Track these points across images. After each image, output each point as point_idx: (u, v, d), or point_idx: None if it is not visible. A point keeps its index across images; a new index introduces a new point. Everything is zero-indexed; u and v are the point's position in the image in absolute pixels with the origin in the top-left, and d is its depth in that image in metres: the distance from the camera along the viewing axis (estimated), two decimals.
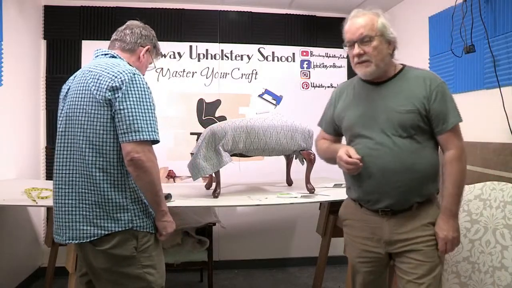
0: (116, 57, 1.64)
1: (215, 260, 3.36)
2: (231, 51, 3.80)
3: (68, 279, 2.28)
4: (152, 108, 1.52)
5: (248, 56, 3.82)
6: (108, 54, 1.65)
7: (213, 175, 2.53)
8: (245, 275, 3.61)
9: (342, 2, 3.57)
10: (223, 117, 3.74)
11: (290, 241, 3.89)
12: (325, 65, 3.93)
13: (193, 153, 2.50)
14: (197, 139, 3.05)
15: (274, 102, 3.86)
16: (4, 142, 2.88)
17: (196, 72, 3.74)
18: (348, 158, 1.54)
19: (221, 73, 3.79)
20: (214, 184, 2.53)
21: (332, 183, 2.92)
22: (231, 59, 3.80)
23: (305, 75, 3.91)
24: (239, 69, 3.81)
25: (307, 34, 3.90)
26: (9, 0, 2.88)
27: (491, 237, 2.08)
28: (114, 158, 1.50)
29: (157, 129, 1.52)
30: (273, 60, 3.86)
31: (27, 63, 3.28)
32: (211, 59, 3.77)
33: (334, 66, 3.95)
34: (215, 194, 2.44)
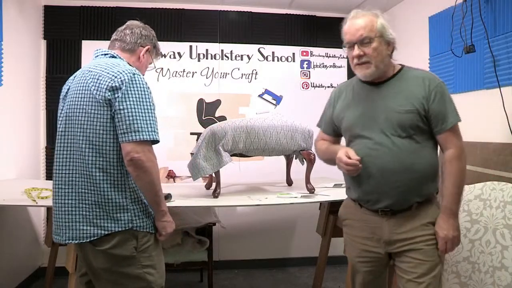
0: (116, 57, 1.64)
1: (215, 260, 3.36)
2: (231, 51, 3.80)
3: (68, 279, 2.28)
4: (152, 108, 1.52)
5: (248, 56, 3.82)
6: (108, 54, 1.65)
7: (213, 175, 2.53)
8: (245, 275, 3.61)
9: (342, 2, 3.57)
10: (223, 117, 3.74)
11: (290, 241, 3.88)
12: (325, 65, 3.94)
13: (193, 153, 2.50)
14: (197, 139, 3.05)
15: (274, 102, 3.86)
16: (4, 142, 2.88)
17: (196, 72, 3.74)
18: (348, 160, 1.54)
19: (221, 73, 3.79)
20: (214, 184, 2.53)
21: (332, 183, 2.92)
22: (231, 59, 3.80)
23: (305, 75, 3.91)
24: (239, 69, 3.81)
25: (307, 34, 3.90)
26: (9, 0, 2.88)
27: (491, 237, 2.08)
28: (114, 158, 1.50)
29: (157, 129, 1.51)
30: (273, 60, 3.86)
31: (27, 63, 3.28)
32: (211, 59, 3.77)
33: (334, 66, 3.95)
34: (215, 194, 2.44)
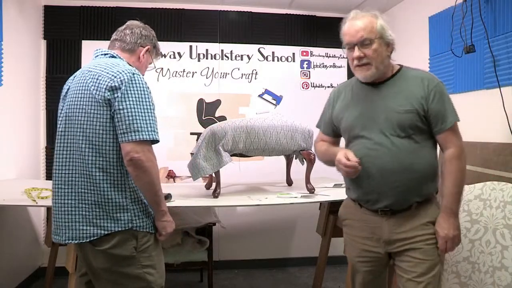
0: (115, 57, 1.64)
1: (215, 260, 3.36)
2: (231, 51, 3.80)
3: (68, 279, 2.28)
4: (152, 108, 1.52)
5: (248, 56, 3.82)
6: (108, 54, 1.65)
7: (213, 175, 2.53)
8: (245, 275, 3.61)
9: (342, 2, 3.57)
10: (223, 117, 3.74)
11: (290, 241, 3.88)
12: (325, 65, 3.93)
13: (193, 153, 2.50)
14: (197, 139, 3.05)
15: (274, 102, 3.86)
16: (4, 142, 2.88)
17: (196, 72, 3.74)
18: (347, 161, 1.55)
19: (221, 73, 3.79)
20: (214, 184, 2.53)
21: (332, 183, 2.92)
22: (231, 59, 3.80)
23: (305, 75, 3.91)
24: (239, 69, 3.81)
25: (307, 34, 3.90)
26: (9, 0, 2.88)
27: (491, 237, 2.08)
28: (114, 158, 1.50)
29: (156, 129, 1.51)
30: (273, 60, 3.86)
31: (27, 63, 3.28)
32: (211, 59, 3.77)
33: (334, 66, 3.95)
34: (215, 194, 2.44)
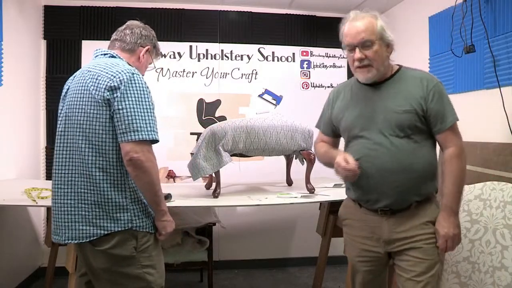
0: (115, 57, 1.64)
1: (215, 260, 3.36)
2: (231, 51, 3.80)
3: (68, 279, 2.28)
4: (151, 108, 1.52)
5: (248, 56, 3.81)
6: (108, 54, 1.65)
7: (213, 175, 2.53)
8: (245, 275, 3.61)
9: (342, 2, 3.57)
10: (223, 117, 3.74)
11: (290, 241, 3.88)
12: (325, 65, 3.93)
13: (193, 153, 2.50)
14: (197, 139, 3.05)
15: (274, 102, 3.86)
16: (4, 142, 2.88)
17: (196, 72, 3.74)
18: (346, 165, 1.55)
19: (221, 73, 3.79)
20: (214, 184, 2.53)
21: (332, 183, 2.92)
22: (231, 59, 3.80)
23: (305, 75, 3.91)
24: (239, 69, 3.81)
25: (307, 34, 3.90)
26: (9, 0, 2.88)
27: (491, 237, 2.08)
28: (114, 158, 1.50)
29: (156, 129, 1.51)
30: (273, 60, 3.86)
31: (27, 63, 3.28)
32: (211, 59, 3.77)
33: (334, 66, 3.95)
34: (215, 194, 2.44)
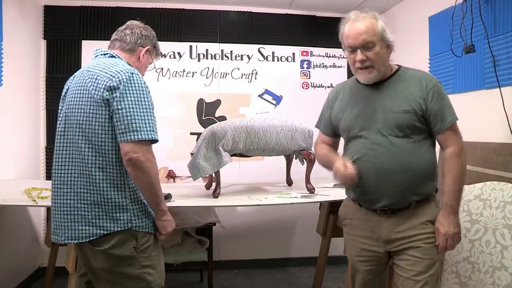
0: (115, 57, 1.64)
1: (215, 260, 3.36)
2: (231, 51, 3.80)
3: (68, 279, 2.28)
4: (151, 108, 1.51)
5: (248, 56, 3.81)
6: (108, 54, 1.65)
7: (213, 175, 2.53)
8: (245, 275, 3.61)
9: (342, 2, 3.57)
10: (223, 117, 3.74)
11: (290, 241, 3.88)
12: (325, 65, 3.93)
13: (193, 153, 2.50)
14: (197, 139, 3.05)
15: (274, 102, 3.86)
16: (4, 142, 2.88)
17: (196, 72, 3.74)
18: (345, 171, 1.56)
19: (221, 73, 3.79)
20: (214, 184, 2.53)
21: (332, 183, 2.91)
22: (231, 59, 3.80)
23: (305, 75, 3.91)
24: (239, 69, 3.81)
25: (307, 34, 3.90)
26: (9, 0, 2.88)
27: (491, 237, 2.08)
28: (113, 158, 1.50)
29: (155, 129, 1.51)
30: (273, 60, 3.86)
31: (27, 63, 3.28)
32: (211, 59, 3.77)
33: (334, 66, 3.95)
34: (215, 194, 2.44)
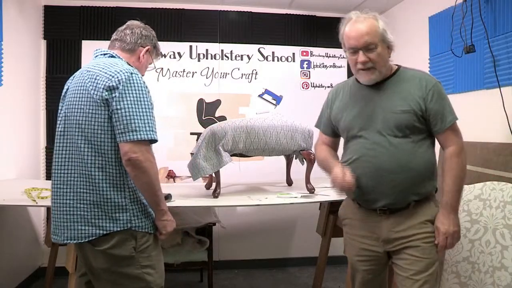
0: (115, 57, 1.64)
1: (215, 260, 3.36)
2: (231, 51, 3.80)
3: (68, 279, 2.28)
4: (150, 108, 1.51)
5: (248, 56, 3.81)
6: (107, 54, 1.65)
7: (213, 175, 2.53)
8: (245, 275, 3.61)
9: (342, 2, 3.57)
10: (223, 117, 3.74)
11: (290, 241, 3.88)
12: (325, 65, 3.93)
13: (193, 153, 2.50)
14: (197, 139, 3.05)
15: (274, 102, 3.86)
16: (4, 142, 2.88)
17: (196, 72, 3.74)
18: (343, 180, 1.56)
19: (221, 73, 3.78)
20: (214, 184, 2.53)
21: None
22: (231, 59, 3.80)
23: (305, 75, 3.91)
24: (239, 69, 3.81)
25: (307, 34, 3.90)
26: (9, 0, 2.88)
27: (491, 237, 2.08)
28: (113, 158, 1.50)
29: (155, 129, 1.51)
30: (273, 60, 3.86)
31: (27, 63, 3.28)
32: (211, 59, 3.77)
33: (334, 66, 3.95)
34: (215, 194, 2.44)
